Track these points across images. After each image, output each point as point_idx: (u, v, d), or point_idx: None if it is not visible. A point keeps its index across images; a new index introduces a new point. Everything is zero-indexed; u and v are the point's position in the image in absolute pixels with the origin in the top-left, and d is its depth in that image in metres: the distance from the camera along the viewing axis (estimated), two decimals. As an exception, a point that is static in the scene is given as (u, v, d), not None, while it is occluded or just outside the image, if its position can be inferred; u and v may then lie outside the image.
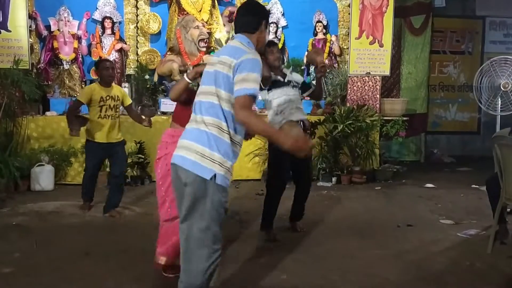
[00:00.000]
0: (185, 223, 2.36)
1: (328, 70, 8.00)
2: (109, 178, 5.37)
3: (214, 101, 2.34)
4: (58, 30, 7.35)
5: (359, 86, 7.43)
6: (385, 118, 7.32)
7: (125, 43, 7.77)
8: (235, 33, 2.59)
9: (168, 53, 7.89)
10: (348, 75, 7.45)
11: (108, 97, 4.89)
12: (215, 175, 2.27)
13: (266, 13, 2.65)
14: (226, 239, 4.26)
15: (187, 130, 2.44)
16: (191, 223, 2.33)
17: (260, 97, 3.61)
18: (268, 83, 4.12)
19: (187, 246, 2.35)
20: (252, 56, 2.35)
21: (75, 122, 4.88)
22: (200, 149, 2.30)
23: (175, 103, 3.48)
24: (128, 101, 5.17)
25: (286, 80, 4.20)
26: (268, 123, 2.63)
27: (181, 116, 3.23)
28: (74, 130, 4.83)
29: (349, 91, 7.46)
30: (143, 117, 4.99)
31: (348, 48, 7.57)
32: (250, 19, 2.53)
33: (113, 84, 5.09)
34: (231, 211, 5.17)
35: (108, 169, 5.87)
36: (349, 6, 7.62)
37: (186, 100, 3.23)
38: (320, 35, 8.06)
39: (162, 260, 3.28)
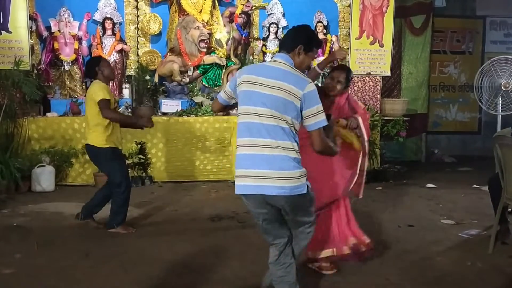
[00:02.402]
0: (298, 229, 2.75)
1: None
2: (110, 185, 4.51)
3: (284, 126, 2.52)
4: (59, 31, 7.33)
5: (360, 86, 7.42)
6: (386, 118, 7.31)
7: (126, 44, 7.76)
8: (279, 52, 2.74)
9: (168, 53, 7.89)
10: (349, 75, 7.43)
11: (115, 98, 4.59)
12: (307, 186, 2.59)
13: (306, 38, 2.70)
14: (227, 239, 4.28)
15: (260, 157, 2.52)
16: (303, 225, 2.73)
17: None
18: None
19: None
20: (314, 87, 2.54)
21: (137, 114, 4.57)
22: (290, 173, 2.51)
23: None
24: None
25: None
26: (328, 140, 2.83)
27: None
28: (148, 122, 4.36)
29: (349, 91, 7.43)
30: (140, 116, 4.52)
31: (348, 49, 7.56)
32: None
33: None
34: (231, 211, 5.18)
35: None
36: (349, 6, 7.60)
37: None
38: (321, 36, 8.02)
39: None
